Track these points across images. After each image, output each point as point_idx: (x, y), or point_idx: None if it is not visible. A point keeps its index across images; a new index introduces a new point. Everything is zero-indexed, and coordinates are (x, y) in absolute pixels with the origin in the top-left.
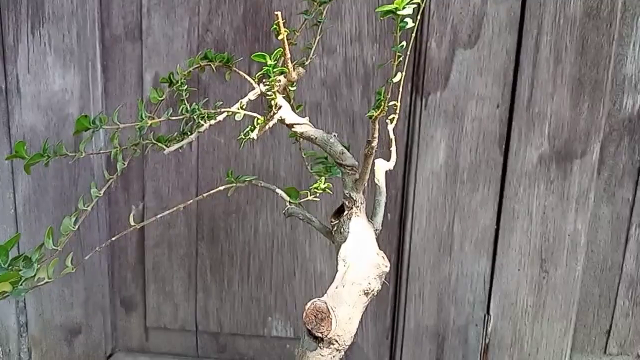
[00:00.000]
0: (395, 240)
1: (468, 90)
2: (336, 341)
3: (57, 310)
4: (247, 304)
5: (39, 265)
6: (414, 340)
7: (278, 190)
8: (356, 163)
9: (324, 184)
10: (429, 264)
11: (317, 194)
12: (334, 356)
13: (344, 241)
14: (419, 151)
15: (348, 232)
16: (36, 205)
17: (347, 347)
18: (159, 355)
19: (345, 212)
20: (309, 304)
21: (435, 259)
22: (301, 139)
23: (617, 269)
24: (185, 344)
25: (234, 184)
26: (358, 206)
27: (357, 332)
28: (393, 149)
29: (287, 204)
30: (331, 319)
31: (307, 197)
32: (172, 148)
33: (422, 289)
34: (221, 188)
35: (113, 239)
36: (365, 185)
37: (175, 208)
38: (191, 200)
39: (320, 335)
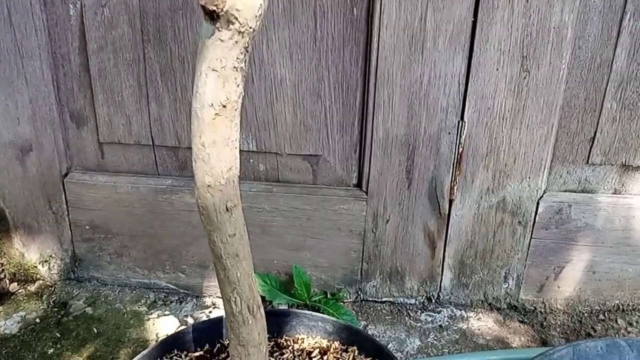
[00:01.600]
0: (362, 38)
1: None
2: (236, 19)
3: (4, 126)
4: None
5: None
6: (383, 151)
7: None
8: None
9: None
10: (399, 66)
11: None
12: (236, 42)
13: None
14: None
15: None
16: None
17: (252, 30)
18: (117, 174)
19: None
20: None
21: (406, 59)
22: None
23: (607, 68)
24: (143, 160)
25: None
26: None
27: (323, 146)
28: None
29: None
30: None
31: None
32: None
33: (391, 95)
34: None
35: None
36: None
37: None
38: None
39: (214, 8)
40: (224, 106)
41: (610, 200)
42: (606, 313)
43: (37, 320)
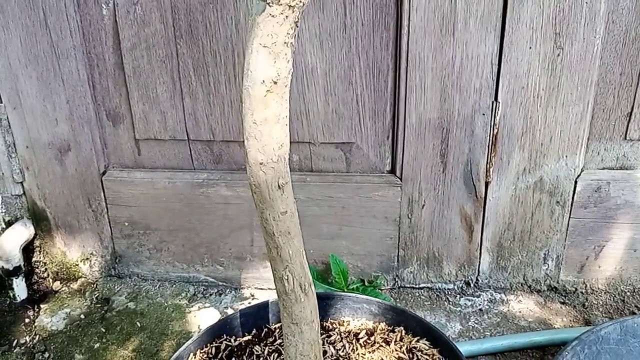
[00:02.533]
0: (392, 23)
1: None
2: None
3: (43, 127)
4: (238, 107)
5: None
6: (417, 136)
7: None
8: None
9: None
10: (431, 49)
11: None
12: (286, 17)
13: None
14: None
15: None
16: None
17: (302, 4)
18: (153, 170)
19: None
20: None
21: (437, 41)
22: None
23: None
24: (179, 155)
25: None
26: None
27: (355, 133)
28: None
29: None
30: None
31: None
32: None
33: (423, 78)
34: None
35: None
36: None
37: None
38: None
39: None
40: (275, 82)
41: None
42: None
43: (82, 316)
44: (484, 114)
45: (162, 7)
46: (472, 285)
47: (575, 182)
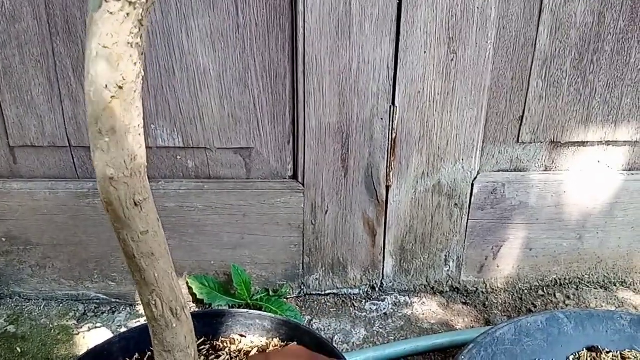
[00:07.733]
0: (288, 24)
1: None
2: None
3: None
4: None
5: None
6: (317, 141)
7: None
8: None
9: None
10: (327, 52)
11: None
12: (127, 14)
13: None
14: None
15: None
16: None
17: (145, 1)
18: (32, 180)
19: None
20: None
21: (333, 44)
22: None
23: (531, 47)
24: (60, 163)
25: None
26: None
27: (254, 138)
28: None
29: None
30: None
31: None
32: None
33: (321, 82)
34: None
35: None
36: None
37: None
38: None
39: None
40: (121, 87)
41: (541, 177)
42: (545, 288)
43: None
44: (382, 119)
45: (34, 1)
46: (377, 289)
47: (472, 184)
